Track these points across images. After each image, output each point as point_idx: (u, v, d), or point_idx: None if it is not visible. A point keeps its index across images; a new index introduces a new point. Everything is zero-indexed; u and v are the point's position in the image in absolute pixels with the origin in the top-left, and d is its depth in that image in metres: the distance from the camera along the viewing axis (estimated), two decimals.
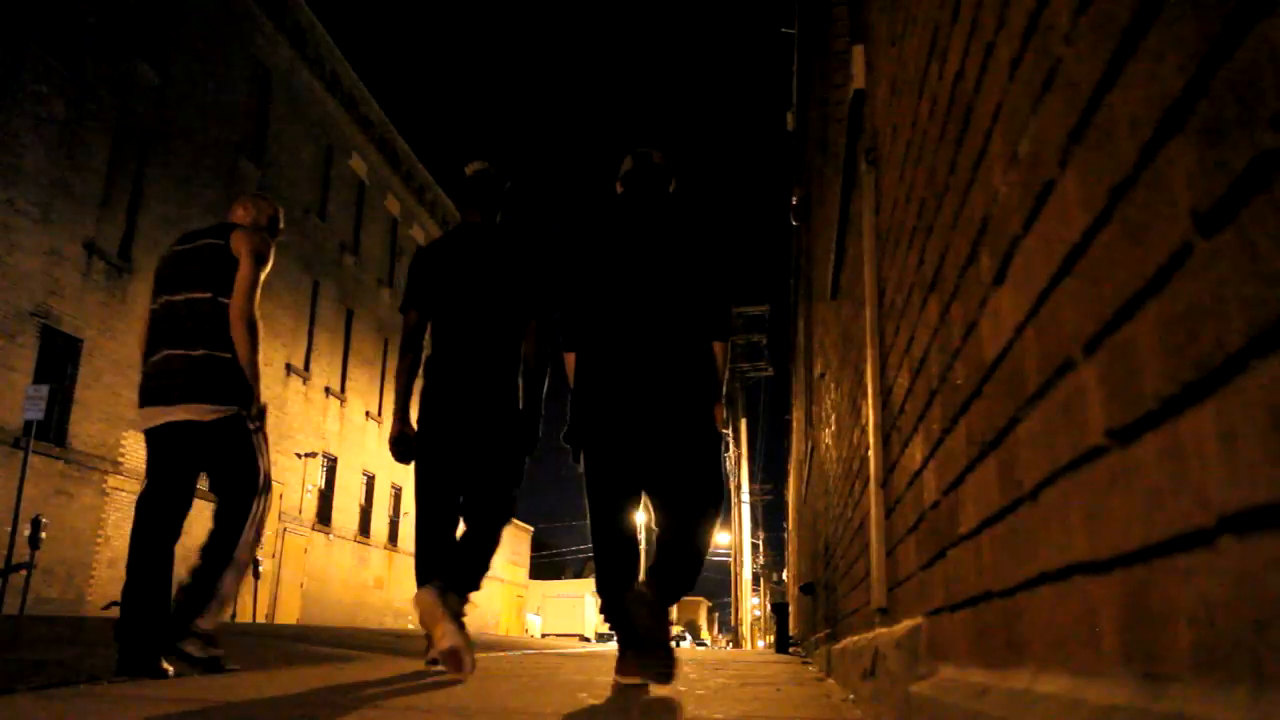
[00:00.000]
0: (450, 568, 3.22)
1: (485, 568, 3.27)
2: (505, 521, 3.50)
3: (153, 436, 3.30)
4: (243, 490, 3.32)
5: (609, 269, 3.11)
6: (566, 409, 3.20)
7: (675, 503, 3.00)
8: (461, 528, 3.50)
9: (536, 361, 3.59)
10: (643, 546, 3.82)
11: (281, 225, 3.78)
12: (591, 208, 3.34)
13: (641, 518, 4.14)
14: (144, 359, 3.36)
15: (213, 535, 3.29)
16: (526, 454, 3.57)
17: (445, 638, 2.90)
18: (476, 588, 3.24)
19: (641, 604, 2.71)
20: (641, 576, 3.01)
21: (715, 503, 3.02)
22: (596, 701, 2.48)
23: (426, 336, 3.74)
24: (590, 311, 3.14)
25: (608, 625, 3.03)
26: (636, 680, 2.86)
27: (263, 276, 3.41)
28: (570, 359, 3.23)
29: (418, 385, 3.65)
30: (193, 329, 3.27)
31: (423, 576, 3.37)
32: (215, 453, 3.30)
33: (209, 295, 3.31)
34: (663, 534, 2.99)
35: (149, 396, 3.28)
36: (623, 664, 2.94)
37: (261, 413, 3.40)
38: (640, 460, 3.04)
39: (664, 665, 2.69)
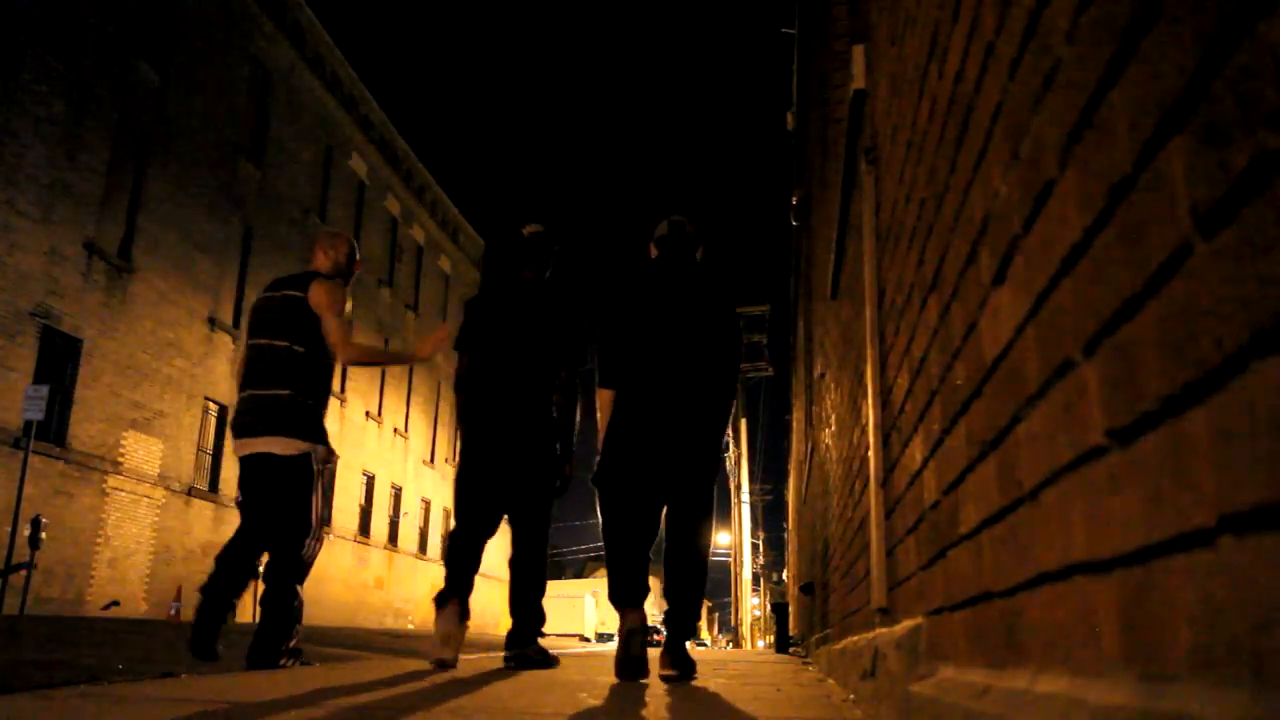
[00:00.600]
0: (516, 625, 3.86)
1: (540, 599, 3.90)
2: (545, 558, 3.96)
3: (244, 464, 3.74)
4: (294, 532, 3.65)
5: (645, 325, 3.58)
6: (597, 439, 3.69)
7: (685, 518, 3.53)
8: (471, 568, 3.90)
9: (566, 408, 4.00)
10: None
11: (358, 258, 4.12)
12: (631, 269, 3.80)
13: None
14: (237, 396, 3.78)
15: (273, 573, 3.65)
16: (559, 493, 4.00)
17: (444, 648, 3.57)
18: (542, 621, 3.91)
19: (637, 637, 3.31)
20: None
21: (710, 515, 3.61)
22: (596, 702, 2.48)
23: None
24: (627, 359, 3.58)
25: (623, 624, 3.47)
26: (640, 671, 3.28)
27: (346, 315, 3.80)
28: (605, 396, 3.64)
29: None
30: (273, 372, 3.66)
31: (451, 587, 3.75)
32: (279, 486, 3.66)
33: (286, 343, 3.68)
34: (673, 544, 3.53)
35: (238, 430, 3.71)
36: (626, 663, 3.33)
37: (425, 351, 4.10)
38: (662, 483, 3.53)
39: (688, 671, 3.39)
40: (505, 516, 4.00)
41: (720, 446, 3.65)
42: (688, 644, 3.50)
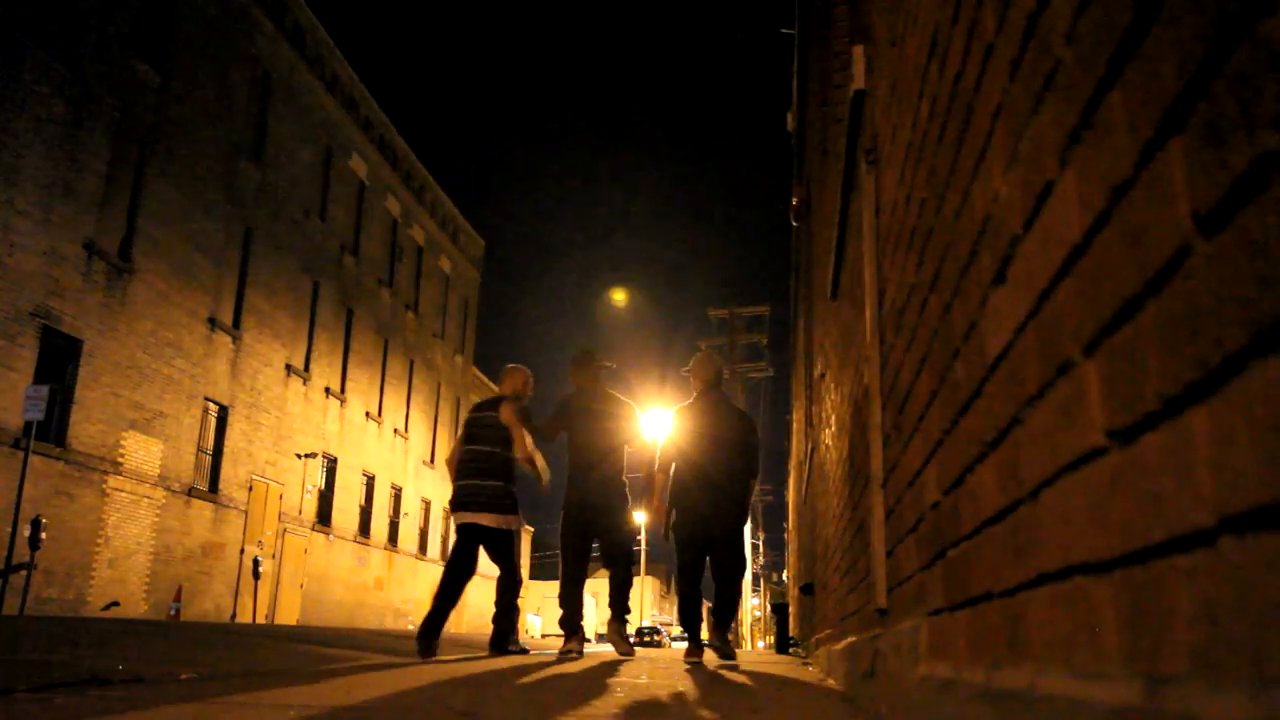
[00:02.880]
0: (611, 602, 5.66)
1: (626, 597, 5.66)
2: (631, 582, 5.78)
3: (459, 528, 5.49)
4: (511, 568, 5.54)
5: (696, 435, 5.48)
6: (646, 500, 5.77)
7: (725, 564, 5.47)
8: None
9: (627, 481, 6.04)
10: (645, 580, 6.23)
11: (532, 384, 5.89)
12: (686, 404, 5.75)
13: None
14: (455, 482, 5.57)
15: (500, 592, 5.59)
16: (632, 538, 5.93)
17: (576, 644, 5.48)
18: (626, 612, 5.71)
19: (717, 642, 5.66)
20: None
21: (743, 563, 5.66)
22: (602, 698, 2.48)
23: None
24: (683, 454, 5.52)
25: (681, 629, 5.69)
26: (698, 660, 5.08)
27: (527, 433, 5.55)
28: (660, 476, 5.58)
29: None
30: (483, 469, 5.47)
31: (571, 624, 5.53)
32: (492, 543, 5.47)
33: (488, 449, 5.51)
34: (719, 582, 5.52)
35: (458, 506, 5.47)
36: (690, 652, 5.27)
37: (549, 480, 5.70)
38: (708, 539, 5.38)
39: (730, 657, 5.55)
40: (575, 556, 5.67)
41: (746, 512, 5.58)
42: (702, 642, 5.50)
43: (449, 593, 5.36)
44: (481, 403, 5.85)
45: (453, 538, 5.78)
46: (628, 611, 5.61)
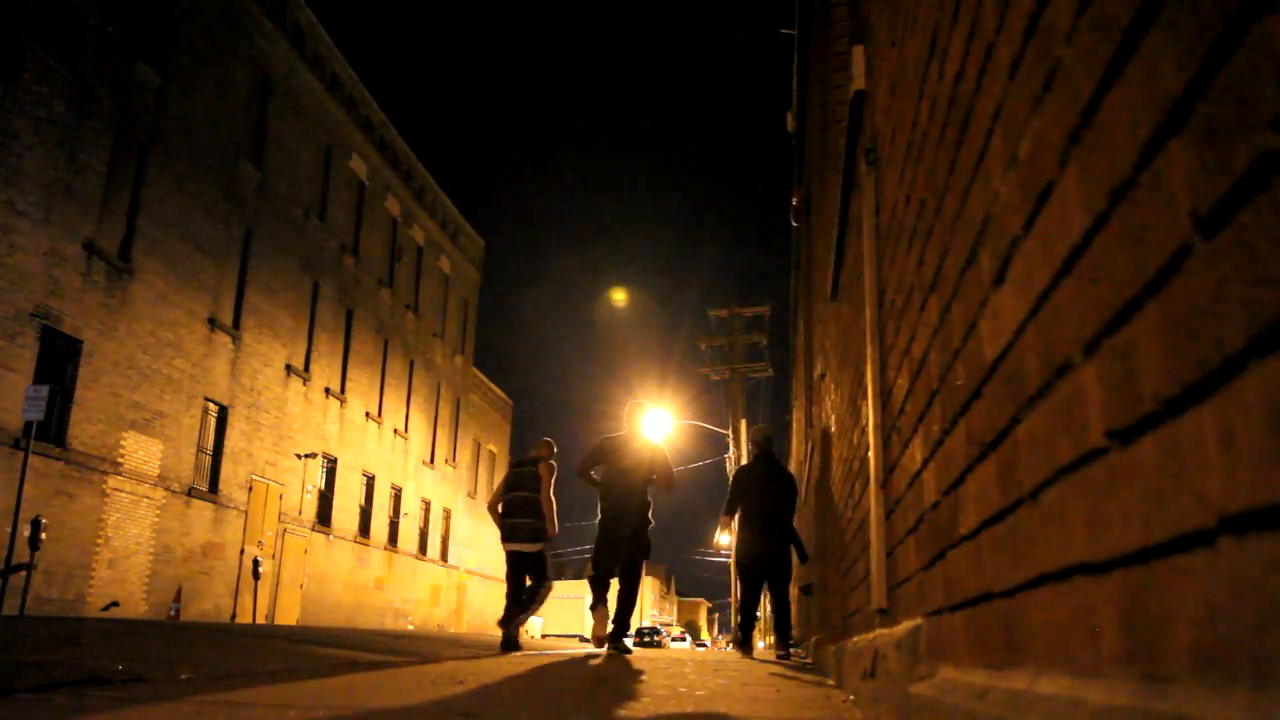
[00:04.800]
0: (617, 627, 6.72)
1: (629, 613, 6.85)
2: (639, 588, 7.03)
3: (508, 554, 7.28)
4: (541, 579, 7.34)
5: (753, 492, 7.19)
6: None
7: (778, 587, 7.16)
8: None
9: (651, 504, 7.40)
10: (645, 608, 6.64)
11: (555, 450, 7.64)
12: (745, 466, 7.64)
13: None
14: (501, 520, 7.28)
15: (532, 589, 7.30)
16: (649, 552, 7.17)
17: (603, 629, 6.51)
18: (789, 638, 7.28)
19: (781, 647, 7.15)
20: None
21: (790, 576, 7.31)
22: (607, 698, 2.48)
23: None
24: (744, 503, 7.26)
25: (739, 633, 7.63)
26: (750, 656, 6.84)
27: (554, 483, 7.41)
28: (727, 519, 7.59)
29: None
30: (525, 508, 7.21)
31: (599, 600, 6.76)
32: (529, 562, 7.26)
33: (527, 495, 7.24)
34: (775, 604, 7.21)
35: (506, 538, 7.24)
36: (743, 650, 7.27)
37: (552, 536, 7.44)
38: (764, 570, 7.14)
39: (787, 653, 6.94)
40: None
41: (800, 544, 7.18)
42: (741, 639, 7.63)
43: (515, 595, 7.36)
44: (522, 459, 7.76)
45: (452, 539, 6.39)
46: (627, 628, 6.47)
